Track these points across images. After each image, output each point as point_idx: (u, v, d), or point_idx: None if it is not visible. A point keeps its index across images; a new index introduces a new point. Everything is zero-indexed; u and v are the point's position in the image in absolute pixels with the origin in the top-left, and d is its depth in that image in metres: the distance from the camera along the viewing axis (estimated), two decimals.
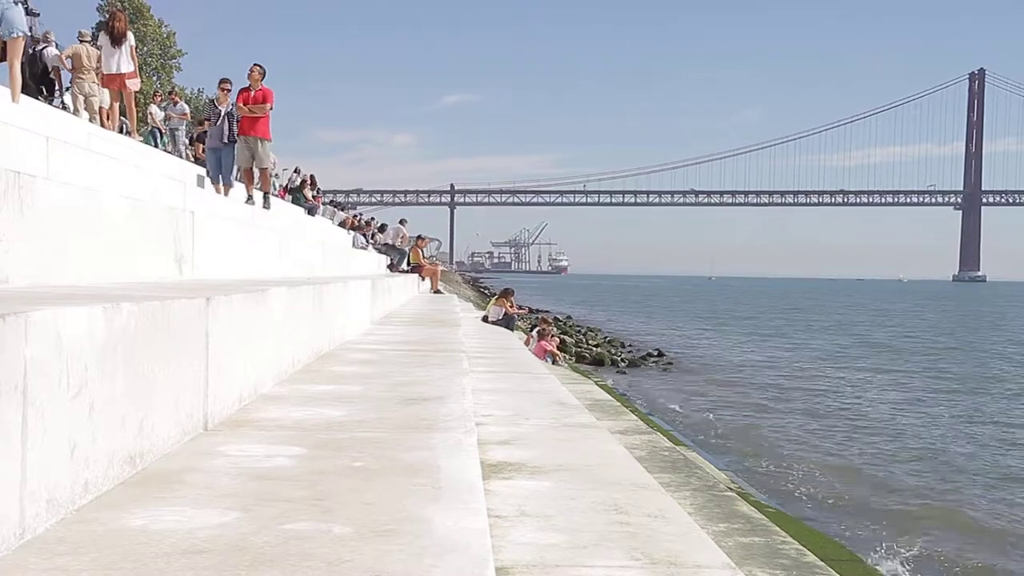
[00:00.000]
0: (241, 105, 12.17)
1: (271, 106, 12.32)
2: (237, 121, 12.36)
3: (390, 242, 22.47)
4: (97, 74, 13.46)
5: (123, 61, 12.43)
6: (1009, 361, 28.59)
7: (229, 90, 12.81)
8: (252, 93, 12.27)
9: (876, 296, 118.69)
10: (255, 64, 12.34)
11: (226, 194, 12.04)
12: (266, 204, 12.63)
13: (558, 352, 17.49)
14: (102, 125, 12.95)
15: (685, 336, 38.21)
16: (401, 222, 24.83)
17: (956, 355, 30.69)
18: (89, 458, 1.94)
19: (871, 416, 16.62)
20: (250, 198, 12.24)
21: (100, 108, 13.56)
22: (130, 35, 12.67)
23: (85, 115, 12.96)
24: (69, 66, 13.62)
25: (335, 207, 29.25)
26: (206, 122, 13.67)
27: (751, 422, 15.54)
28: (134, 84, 12.97)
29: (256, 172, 12.64)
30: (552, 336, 18.01)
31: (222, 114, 12.55)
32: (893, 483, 11.18)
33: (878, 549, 8.28)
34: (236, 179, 13.04)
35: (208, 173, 12.96)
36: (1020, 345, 35.53)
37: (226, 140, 12.43)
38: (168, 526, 1.80)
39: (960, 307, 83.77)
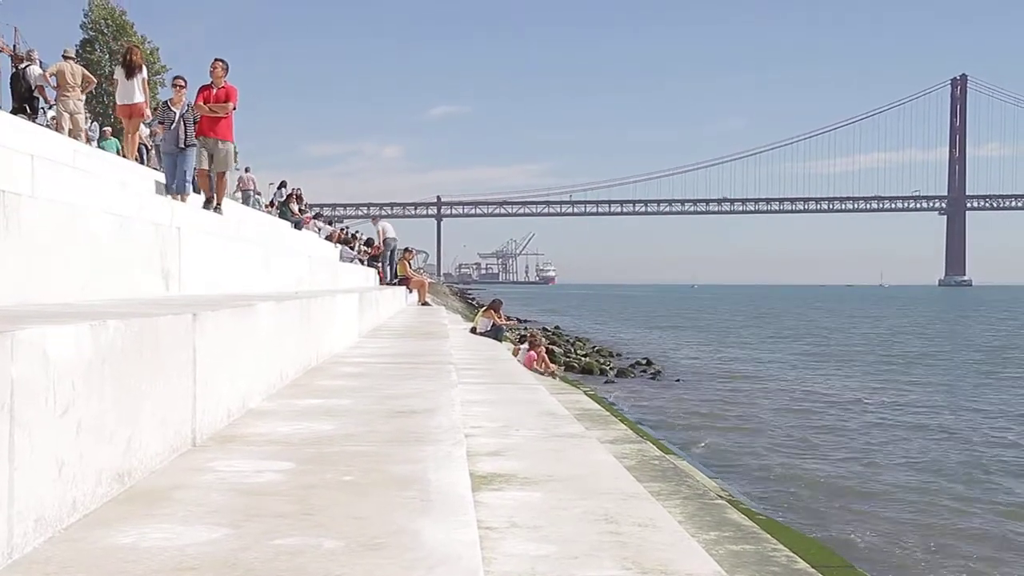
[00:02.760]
0: (201, 104, 11.25)
1: (234, 105, 11.39)
2: (195, 122, 11.41)
3: (390, 236, 22.61)
4: (83, 91, 13.71)
5: (136, 92, 12.80)
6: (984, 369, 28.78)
7: (183, 87, 11.86)
8: (214, 91, 11.32)
9: (857, 303, 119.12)
10: (217, 59, 11.38)
11: (183, 202, 10.93)
12: (217, 209, 11.44)
13: (552, 364, 17.46)
14: (87, 142, 13.07)
15: (671, 344, 38.28)
16: (374, 220, 24.82)
17: (932, 361, 30.88)
18: (77, 476, 1.93)
19: (859, 422, 16.68)
20: (208, 202, 11.35)
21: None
22: (143, 67, 13.02)
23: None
24: (54, 84, 13.72)
25: (322, 220, 29.24)
26: (160, 126, 12.54)
27: (739, 429, 15.57)
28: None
29: (213, 176, 11.65)
30: (539, 346, 18.01)
31: (176, 116, 11.48)
32: (884, 488, 11.21)
33: (870, 555, 8.30)
34: (192, 184, 12.06)
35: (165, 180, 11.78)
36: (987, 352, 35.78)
37: (183, 144, 11.37)
38: (157, 543, 1.79)
39: (932, 312, 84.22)
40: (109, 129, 19.19)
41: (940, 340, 42.19)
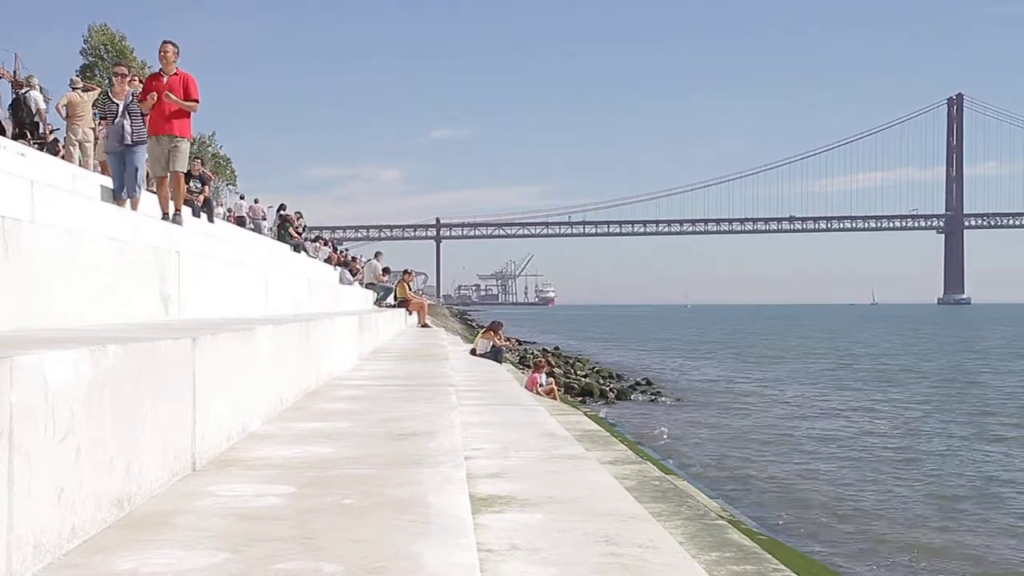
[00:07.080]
0: (154, 95, 9.68)
1: (196, 99, 9.81)
2: (143, 116, 9.97)
3: (373, 281, 22.45)
4: (94, 120, 13.97)
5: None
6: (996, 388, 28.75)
7: (125, 76, 10.52)
8: (165, 80, 9.67)
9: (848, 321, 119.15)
10: (166, 41, 9.75)
11: (134, 208, 9.63)
12: (176, 219, 9.74)
13: (554, 388, 17.40)
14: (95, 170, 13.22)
15: (670, 365, 38.27)
16: (376, 256, 24.68)
17: (933, 381, 30.88)
18: (76, 502, 1.93)
19: (859, 441, 16.64)
20: (166, 215, 9.76)
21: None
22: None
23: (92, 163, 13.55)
24: (64, 114, 13.92)
25: (321, 243, 29.27)
26: (103, 121, 11.00)
27: (740, 450, 15.53)
28: None
29: (169, 180, 9.96)
30: (542, 366, 17.96)
31: (119, 109, 10.08)
32: (885, 508, 11.17)
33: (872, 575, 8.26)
34: (147, 189, 10.92)
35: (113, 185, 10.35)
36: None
37: (129, 141, 9.97)
38: (157, 569, 1.79)
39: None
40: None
41: (939, 358, 42.16)
